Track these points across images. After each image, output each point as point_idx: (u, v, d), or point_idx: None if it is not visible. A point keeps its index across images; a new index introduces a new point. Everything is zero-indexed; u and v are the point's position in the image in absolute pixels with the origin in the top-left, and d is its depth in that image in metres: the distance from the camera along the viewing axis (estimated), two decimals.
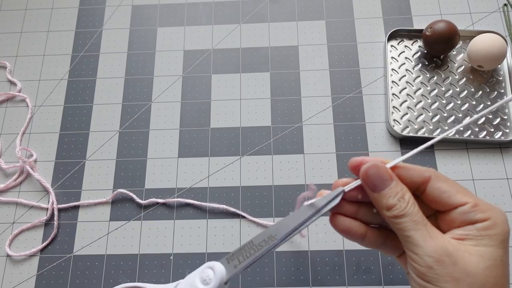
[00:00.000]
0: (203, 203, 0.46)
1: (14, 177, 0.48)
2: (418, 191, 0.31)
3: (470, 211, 0.29)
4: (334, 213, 0.32)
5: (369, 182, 0.30)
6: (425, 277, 0.28)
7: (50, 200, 0.47)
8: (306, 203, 0.31)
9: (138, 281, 0.44)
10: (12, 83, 0.54)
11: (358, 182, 0.31)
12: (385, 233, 0.33)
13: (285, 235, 0.31)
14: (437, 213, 0.31)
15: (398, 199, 0.29)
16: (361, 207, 0.32)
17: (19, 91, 0.53)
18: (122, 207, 0.47)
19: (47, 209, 0.47)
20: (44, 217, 0.46)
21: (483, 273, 0.27)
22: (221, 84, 0.52)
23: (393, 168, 0.31)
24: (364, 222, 0.32)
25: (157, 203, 0.47)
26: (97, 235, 0.46)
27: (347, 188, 0.31)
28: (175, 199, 0.46)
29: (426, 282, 0.28)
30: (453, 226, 0.30)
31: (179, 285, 0.34)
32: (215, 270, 0.32)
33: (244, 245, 0.32)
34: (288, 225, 0.31)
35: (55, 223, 0.46)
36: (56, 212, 0.46)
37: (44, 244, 0.45)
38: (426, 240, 0.28)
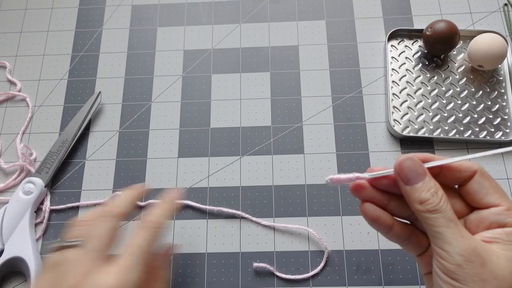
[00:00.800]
0: (201, 206, 0.46)
1: (14, 176, 0.48)
2: (460, 184, 0.32)
3: (502, 213, 0.29)
4: (365, 200, 0.32)
5: (402, 174, 0.30)
6: (453, 275, 0.28)
7: (44, 203, 0.47)
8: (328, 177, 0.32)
9: None
10: (12, 83, 0.54)
11: (390, 171, 0.31)
12: (412, 229, 0.33)
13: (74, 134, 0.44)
14: (468, 214, 0.32)
15: (431, 194, 0.29)
16: (392, 199, 0.32)
17: (19, 91, 0.53)
18: None
19: (41, 209, 0.47)
20: (38, 219, 0.47)
21: (510, 277, 0.27)
22: (221, 84, 0.52)
23: (437, 169, 0.31)
24: (393, 214, 0.33)
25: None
26: None
27: (378, 174, 0.31)
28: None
29: (453, 280, 0.28)
30: (481, 227, 0.30)
31: (8, 204, 0.45)
32: (35, 182, 0.46)
33: (45, 157, 0.48)
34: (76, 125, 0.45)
35: (44, 225, 0.46)
36: (46, 215, 0.46)
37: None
38: (457, 238, 0.28)
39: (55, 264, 0.32)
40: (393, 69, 0.51)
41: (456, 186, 0.32)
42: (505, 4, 0.54)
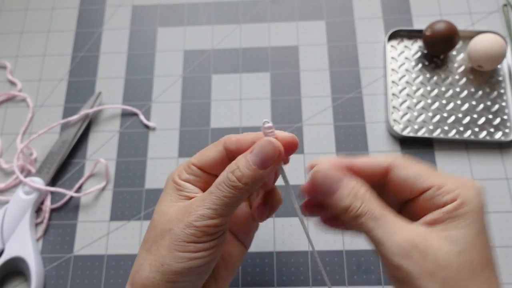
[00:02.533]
0: None
1: (14, 176, 0.48)
2: (381, 182, 0.29)
3: (435, 195, 0.26)
4: (322, 221, 0.33)
5: (319, 189, 0.28)
6: (397, 279, 0.25)
7: (45, 203, 0.47)
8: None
9: None
10: (13, 83, 0.54)
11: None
12: None
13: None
14: (407, 202, 0.29)
15: (351, 198, 0.27)
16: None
17: (20, 91, 0.53)
18: (122, 207, 0.47)
19: (41, 209, 0.47)
20: (38, 219, 0.47)
21: (457, 262, 0.24)
22: (221, 84, 0.52)
23: (349, 167, 0.29)
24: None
25: None
26: (97, 235, 0.46)
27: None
28: None
29: (401, 284, 0.25)
30: (424, 214, 0.27)
31: (8, 204, 0.45)
32: (36, 182, 0.46)
33: (46, 157, 0.48)
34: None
35: (44, 225, 0.46)
36: (47, 215, 0.46)
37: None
38: (389, 235, 0.25)
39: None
40: (392, 69, 0.51)
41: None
42: (505, 5, 0.54)
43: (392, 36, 0.53)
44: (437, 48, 0.50)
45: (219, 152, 0.31)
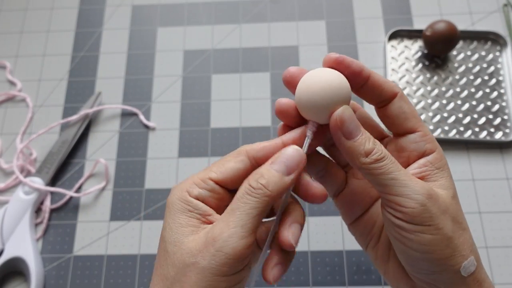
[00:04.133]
0: None
1: (14, 177, 0.48)
2: (380, 105, 0.30)
3: (420, 140, 0.28)
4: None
5: (344, 128, 0.27)
6: (419, 219, 0.26)
7: (45, 203, 0.47)
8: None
9: (137, 282, 0.44)
10: (12, 83, 0.54)
11: (308, 135, 0.28)
12: (327, 159, 0.31)
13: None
14: (388, 144, 0.30)
15: (373, 143, 0.27)
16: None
17: (20, 91, 0.53)
18: (122, 207, 0.47)
19: (41, 210, 0.47)
20: (38, 219, 0.47)
21: (454, 203, 0.28)
22: (221, 84, 0.52)
23: (365, 78, 0.28)
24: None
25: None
26: (97, 235, 0.46)
27: (304, 149, 0.28)
28: None
29: (420, 225, 0.26)
30: (403, 158, 0.29)
31: (8, 204, 0.45)
32: (35, 182, 0.46)
33: (46, 157, 0.47)
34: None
35: (44, 225, 0.46)
36: (47, 215, 0.46)
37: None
38: (412, 178, 0.26)
39: None
40: (393, 69, 0.51)
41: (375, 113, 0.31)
42: (505, 5, 0.54)
43: (392, 36, 0.53)
44: (438, 48, 0.50)
45: (242, 163, 0.28)
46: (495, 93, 0.49)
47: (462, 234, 0.27)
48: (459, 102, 0.49)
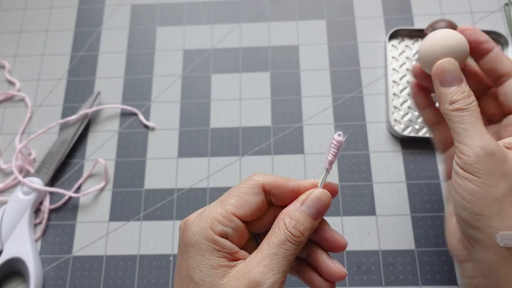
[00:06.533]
0: None
1: (13, 177, 0.48)
2: (497, 83, 0.33)
3: None
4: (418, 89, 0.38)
5: (440, 75, 0.31)
6: (471, 168, 0.28)
7: (44, 203, 0.47)
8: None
9: (137, 282, 0.44)
10: (11, 82, 0.54)
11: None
12: (442, 119, 0.33)
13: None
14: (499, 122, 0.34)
15: (463, 96, 0.30)
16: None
17: (18, 91, 0.53)
18: (122, 208, 0.47)
19: (40, 210, 0.47)
20: (37, 219, 0.47)
21: None
22: (221, 84, 0.52)
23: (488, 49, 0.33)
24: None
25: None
26: (97, 235, 0.46)
27: (321, 185, 0.29)
28: None
29: (470, 173, 0.28)
30: (507, 133, 0.32)
31: (7, 204, 0.45)
32: (34, 182, 0.46)
33: (45, 157, 0.47)
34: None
35: (43, 225, 0.46)
36: (46, 215, 0.46)
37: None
38: (481, 134, 0.29)
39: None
40: (393, 68, 0.51)
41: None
42: (506, 4, 0.53)
43: (393, 36, 0.52)
44: None
45: (261, 197, 0.28)
46: None
47: None
48: None
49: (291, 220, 0.27)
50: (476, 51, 0.33)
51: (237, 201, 0.27)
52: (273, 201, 0.29)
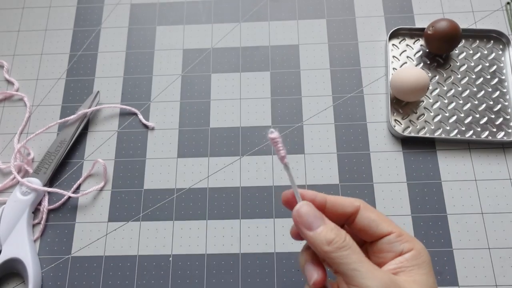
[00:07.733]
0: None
1: (11, 177, 0.48)
2: (348, 222, 0.32)
3: (395, 240, 0.30)
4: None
5: (303, 221, 0.30)
6: None
7: (42, 203, 0.46)
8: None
9: (136, 283, 0.43)
10: (10, 82, 0.53)
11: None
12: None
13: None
14: (365, 245, 0.32)
15: (335, 233, 0.29)
16: None
17: (17, 91, 0.53)
18: (121, 208, 0.46)
19: (38, 210, 0.47)
20: (36, 220, 0.46)
21: None
22: (221, 84, 0.52)
23: (322, 205, 0.31)
24: None
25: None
26: (96, 236, 0.45)
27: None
28: None
29: None
30: (380, 258, 0.31)
31: (5, 205, 0.45)
32: (33, 183, 0.45)
33: (43, 157, 0.47)
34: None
35: (42, 226, 0.46)
36: (44, 215, 0.46)
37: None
38: (373, 271, 0.28)
39: None
40: (394, 68, 0.51)
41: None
42: (508, 3, 0.53)
43: (394, 35, 0.52)
44: (439, 47, 0.49)
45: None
46: (497, 92, 0.49)
47: None
48: (460, 101, 0.49)
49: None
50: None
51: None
52: None
